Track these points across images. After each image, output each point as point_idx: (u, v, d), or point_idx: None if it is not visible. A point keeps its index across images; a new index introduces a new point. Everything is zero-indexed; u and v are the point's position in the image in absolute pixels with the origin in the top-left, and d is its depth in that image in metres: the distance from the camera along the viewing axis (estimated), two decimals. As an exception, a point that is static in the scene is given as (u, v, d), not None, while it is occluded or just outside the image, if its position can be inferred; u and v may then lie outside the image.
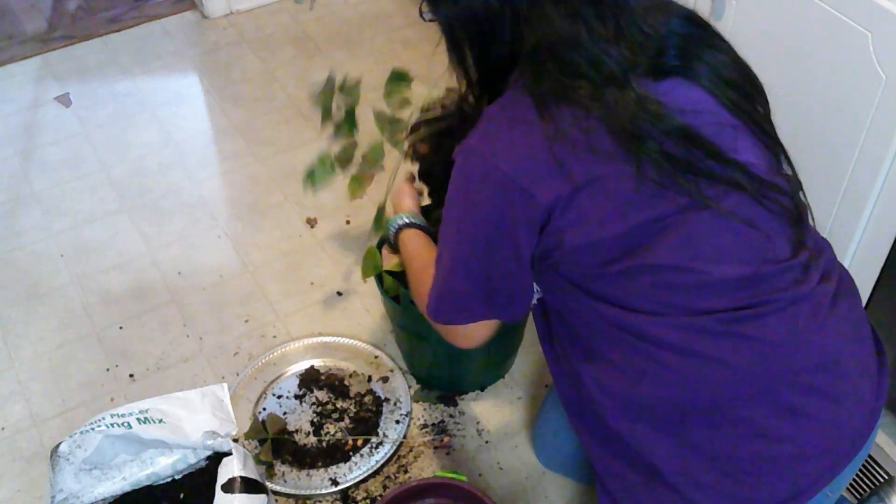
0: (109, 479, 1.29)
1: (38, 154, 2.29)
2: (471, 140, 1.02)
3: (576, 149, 0.96)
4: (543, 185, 0.97)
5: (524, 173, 0.98)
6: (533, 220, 1.00)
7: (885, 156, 1.27)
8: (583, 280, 1.04)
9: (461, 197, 1.05)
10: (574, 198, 0.97)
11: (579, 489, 1.56)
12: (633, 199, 0.97)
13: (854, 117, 1.29)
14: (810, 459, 1.00)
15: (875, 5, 1.20)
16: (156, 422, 1.26)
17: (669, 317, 1.00)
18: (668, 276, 0.99)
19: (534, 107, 0.97)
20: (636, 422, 1.05)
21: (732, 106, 1.02)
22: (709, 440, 1.01)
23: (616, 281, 1.01)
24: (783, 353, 0.99)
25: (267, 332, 1.84)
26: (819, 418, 1.00)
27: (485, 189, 1.00)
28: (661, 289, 1.00)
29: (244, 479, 1.23)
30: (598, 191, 0.97)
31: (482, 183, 1.01)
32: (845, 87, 1.29)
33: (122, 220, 2.10)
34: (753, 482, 1.00)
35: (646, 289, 1.00)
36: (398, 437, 1.62)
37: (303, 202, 2.12)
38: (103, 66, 2.57)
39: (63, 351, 1.82)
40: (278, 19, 2.73)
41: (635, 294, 1.01)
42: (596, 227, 0.98)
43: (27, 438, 1.67)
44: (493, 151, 0.99)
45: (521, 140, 0.98)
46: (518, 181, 0.98)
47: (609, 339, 1.05)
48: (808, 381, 0.99)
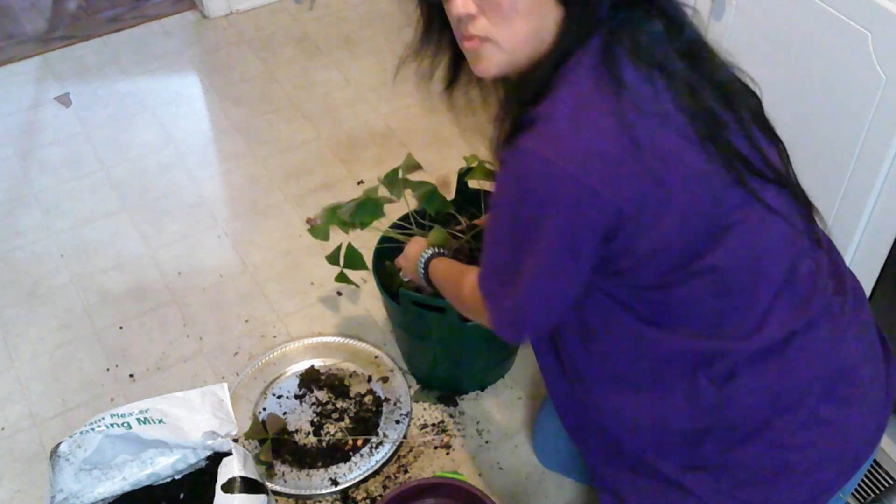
0: (109, 479, 1.30)
1: (38, 154, 2.29)
2: (526, 142, 0.90)
3: (651, 139, 0.89)
4: (615, 186, 0.89)
5: (594, 174, 0.88)
6: (602, 227, 0.91)
7: (885, 156, 1.27)
8: (635, 296, 0.99)
9: (514, 207, 0.95)
10: (648, 199, 0.90)
11: (579, 489, 1.56)
12: (703, 197, 0.93)
13: (854, 117, 1.29)
14: (830, 463, 1.02)
15: (875, 5, 1.20)
16: (156, 422, 1.26)
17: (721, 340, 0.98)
18: (728, 279, 0.97)
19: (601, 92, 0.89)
20: (658, 445, 1.06)
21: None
22: (732, 454, 1.02)
23: (671, 295, 0.97)
24: (815, 368, 1.01)
25: (267, 332, 1.84)
26: (838, 424, 1.01)
27: (548, 196, 0.90)
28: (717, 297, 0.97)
29: (244, 479, 1.23)
30: (673, 189, 0.91)
31: (545, 188, 0.90)
32: (845, 87, 1.29)
33: (122, 220, 2.10)
34: (773, 487, 1.01)
35: (701, 301, 0.97)
36: (398, 437, 1.62)
37: (303, 202, 2.13)
38: (103, 66, 2.57)
39: (63, 351, 1.82)
40: (278, 19, 2.73)
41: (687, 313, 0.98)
42: (669, 230, 0.92)
43: (27, 438, 1.67)
44: (557, 152, 0.88)
45: (588, 137, 0.88)
46: (588, 183, 0.88)
47: (646, 367, 1.03)
48: (832, 390, 1.01)
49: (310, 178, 2.19)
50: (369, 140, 2.29)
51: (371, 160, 2.23)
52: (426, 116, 2.35)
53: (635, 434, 1.09)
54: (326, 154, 2.26)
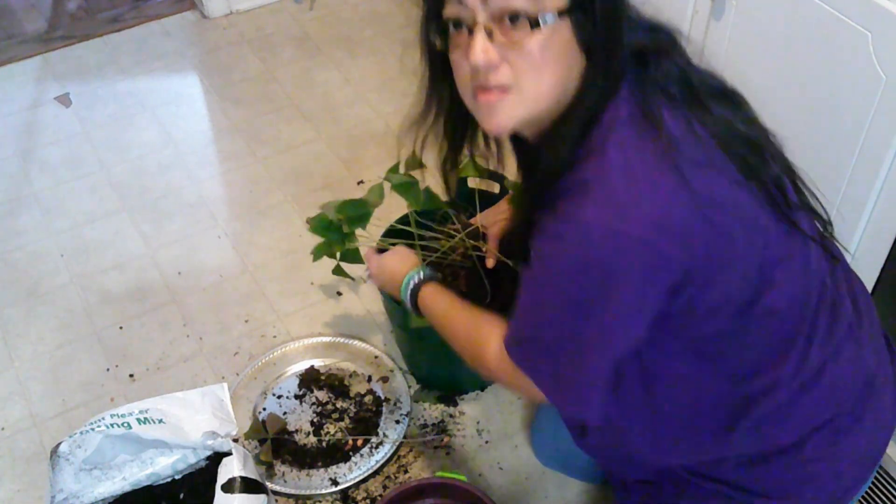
0: (109, 479, 1.29)
1: (38, 154, 2.29)
2: (585, 212, 0.85)
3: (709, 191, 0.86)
4: (684, 246, 0.85)
5: (663, 237, 0.84)
6: (670, 286, 0.89)
7: (885, 156, 1.27)
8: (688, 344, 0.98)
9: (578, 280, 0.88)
10: (714, 252, 0.87)
11: (579, 489, 1.56)
12: (758, 241, 0.92)
13: (854, 117, 1.29)
14: (854, 466, 1.06)
15: (875, 5, 1.20)
16: (156, 422, 1.26)
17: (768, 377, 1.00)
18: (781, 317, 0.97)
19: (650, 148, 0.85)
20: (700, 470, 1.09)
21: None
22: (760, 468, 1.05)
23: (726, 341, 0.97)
24: (843, 389, 1.04)
25: (267, 332, 1.84)
26: (864, 430, 1.05)
27: (619, 264, 0.85)
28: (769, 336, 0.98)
29: (244, 479, 1.23)
30: (735, 238, 0.89)
31: (615, 257, 0.85)
32: (845, 87, 1.29)
33: (122, 220, 2.10)
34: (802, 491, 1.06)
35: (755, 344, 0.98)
36: (398, 437, 1.62)
37: (303, 202, 2.12)
38: (103, 66, 2.57)
39: (63, 351, 1.82)
40: (278, 19, 2.73)
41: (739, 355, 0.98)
42: (732, 279, 0.91)
43: (27, 438, 1.67)
44: (623, 220, 0.83)
45: (651, 199, 0.84)
46: (658, 248, 0.84)
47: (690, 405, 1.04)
48: (858, 401, 1.05)
49: (310, 178, 2.19)
50: (369, 140, 2.29)
51: (371, 160, 2.23)
52: (426, 116, 2.35)
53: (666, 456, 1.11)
54: (326, 154, 2.26)
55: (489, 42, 0.86)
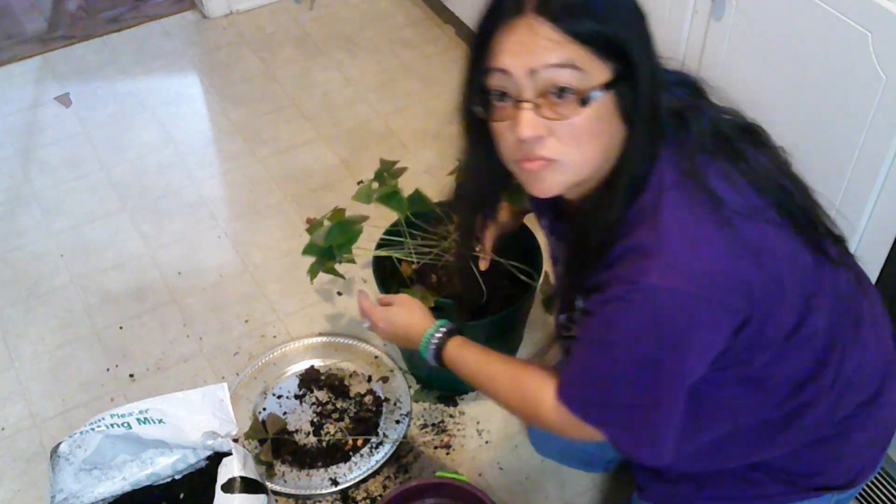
0: (109, 479, 1.30)
1: (38, 154, 2.29)
2: (649, 277, 0.87)
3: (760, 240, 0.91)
4: (746, 297, 0.90)
5: (727, 292, 0.88)
6: (732, 334, 0.93)
7: (885, 156, 1.27)
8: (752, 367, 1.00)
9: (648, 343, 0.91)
10: (770, 297, 0.92)
11: (579, 489, 1.56)
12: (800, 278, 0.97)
13: (854, 117, 1.29)
14: (872, 447, 1.16)
15: (875, 5, 1.20)
16: (156, 422, 1.26)
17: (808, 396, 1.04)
18: (820, 336, 1.01)
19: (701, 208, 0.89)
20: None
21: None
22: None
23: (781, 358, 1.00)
24: (870, 383, 1.11)
25: (267, 332, 1.84)
26: (882, 417, 1.14)
27: (690, 325, 0.89)
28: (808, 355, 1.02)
29: (244, 479, 1.23)
30: (784, 281, 0.93)
31: (685, 319, 0.89)
32: (845, 87, 1.29)
33: (122, 220, 2.10)
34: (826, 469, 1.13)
35: (796, 370, 1.02)
36: (398, 437, 1.62)
37: (303, 202, 2.12)
38: (103, 66, 2.57)
39: (63, 351, 1.82)
40: (278, 19, 2.73)
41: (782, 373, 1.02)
42: (783, 317, 0.95)
43: (27, 438, 1.67)
44: (689, 282, 0.87)
45: (710, 258, 0.88)
46: (724, 303, 0.89)
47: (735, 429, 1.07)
48: (882, 392, 1.12)
49: (310, 178, 2.19)
50: (369, 140, 2.29)
51: (371, 160, 2.22)
52: (426, 116, 2.35)
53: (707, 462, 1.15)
54: (326, 154, 2.26)
55: (536, 116, 0.87)
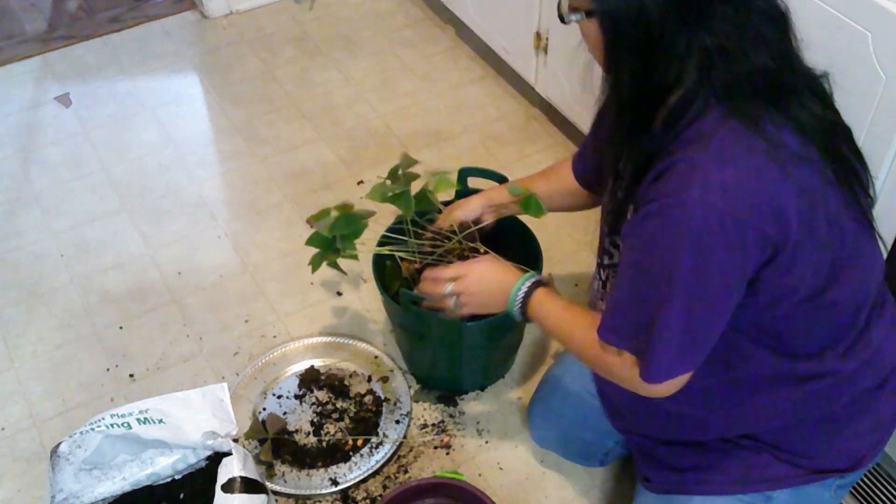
0: (109, 479, 1.29)
1: (38, 154, 2.29)
2: (692, 195, 0.91)
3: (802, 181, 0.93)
4: (778, 225, 0.93)
5: (762, 215, 0.92)
6: (759, 263, 0.96)
7: (885, 156, 1.27)
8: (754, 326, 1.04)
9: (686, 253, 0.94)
10: (800, 238, 0.94)
11: (579, 489, 1.56)
12: (836, 240, 0.99)
13: (854, 117, 1.28)
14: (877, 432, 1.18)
15: (875, 5, 1.20)
16: (156, 422, 1.26)
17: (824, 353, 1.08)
18: (843, 309, 1.06)
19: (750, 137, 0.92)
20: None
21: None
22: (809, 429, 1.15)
23: (794, 323, 1.04)
24: (877, 364, 1.13)
25: (267, 332, 1.84)
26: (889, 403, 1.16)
27: (724, 245, 0.93)
28: (831, 321, 1.06)
29: (244, 479, 1.23)
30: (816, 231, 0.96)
31: (717, 234, 0.92)
32: (845, 87, 1.29)
33: (122, 220, 2.10)
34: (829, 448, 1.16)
35: (812, 330, 1.05)
36: (398, 437, 1.62)
37: (303, 202, 2.12)
38: (103, 66, 2.57)
39: (63, 351, 1.82)
40: (278, 19, 2.73)
41: (800, 334, 1.05)
42: (805, 269, 0.98)
43: (27, 438, 1.67)
44: (724, 198, 0.90)
45: (755, 184, 0.91)
46: (762, 228, 0.92)
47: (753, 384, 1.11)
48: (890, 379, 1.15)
49: (310, 178, 2.19)
50: (369, 140, 2.29)
51: (371, 160, 2.23)
52: (426, 116, 2.35)
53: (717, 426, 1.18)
54: (326, 154, 2.26)
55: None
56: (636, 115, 0.98)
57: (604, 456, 1.52)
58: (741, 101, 0.93)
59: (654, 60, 0.93)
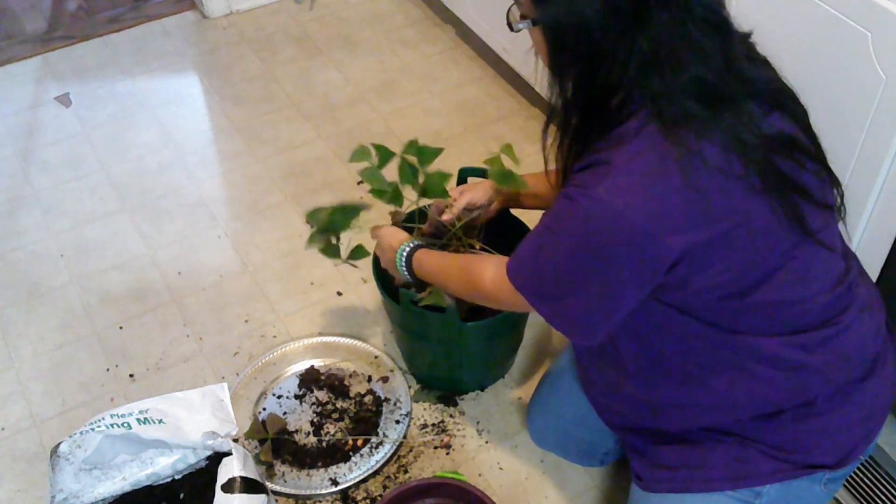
0: (109, 479, 1.30)
1: (38, 154, 2.29)
2: (597, 190, 0.97)
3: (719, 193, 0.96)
4: (682, 236, 0.97)
5: (659, 224, 0.96)
6: (664, 267, 1.00)
7: (885, 156, 1.27)
8: (692, 310, 1.08)
9: (578, 241, 1.02)
10: (712, 247, 0.98)
11: (579, 489, 1.56)
12: (762, 250, 1.01)
13: (854, 117, 1.29)
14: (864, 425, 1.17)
15: (875, 5, 1.20)
16: (156, 422, 1.26)
17: (776, 337, 1.08)
18: (779, 308, 1.07)
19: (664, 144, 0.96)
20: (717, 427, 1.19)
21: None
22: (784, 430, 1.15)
23: (728, 312, 1.07)
24: (855, 358, 1.13)
25: (267, 332, 1.84)
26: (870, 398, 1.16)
27: (612, 240, 0.99)
28: (770, 317, 1.07)
29: (244, 479, 1.23)
30: (735, 242, 0.99)
31: (610, 234, 0.98)
32: (845, 87, 1.29)
33: (122, 220, 2.10)
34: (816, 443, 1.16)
35: (756, 318, 1.07)
36: (398, 437, 1.62)
37: (303, 202, 2.12)
38: (103, 66, 2.57)
39: (63, 351, 1.82)
40: (278, 19, 2.73)
41: (745, 321, 1.07)
42: (722, 271, 1.01)
43: (27, 438, 1.67)
44: (627, 204, 0.96)
45: (655, 190, 0.96)
46: (652, 233, 0.96)
47: (711, 364, 1.12)
48: (869, 372, 1.15)
49: (310, 178, 2.19)
50: (369, 140, 2.28)
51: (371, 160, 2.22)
52: (426, 116, 2.36)
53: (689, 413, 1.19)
54: (326, 154, 2.26)
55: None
56: (582, 116, 1.04)
57: (603, 456, 1.52)
58: (670, 108, 0.96)
59: (596, 64, 0.98)
